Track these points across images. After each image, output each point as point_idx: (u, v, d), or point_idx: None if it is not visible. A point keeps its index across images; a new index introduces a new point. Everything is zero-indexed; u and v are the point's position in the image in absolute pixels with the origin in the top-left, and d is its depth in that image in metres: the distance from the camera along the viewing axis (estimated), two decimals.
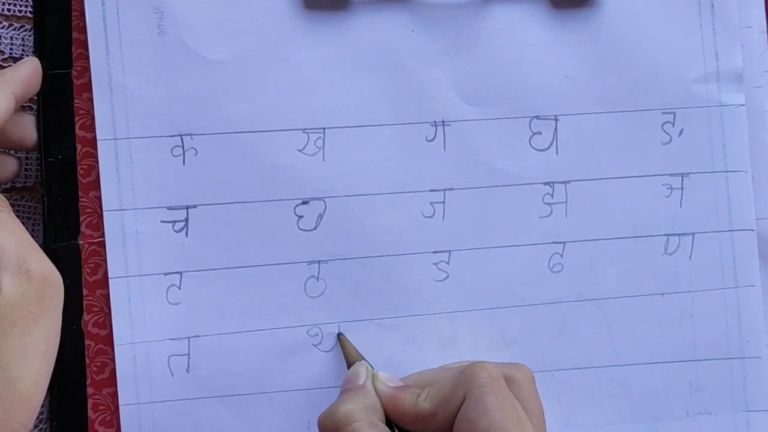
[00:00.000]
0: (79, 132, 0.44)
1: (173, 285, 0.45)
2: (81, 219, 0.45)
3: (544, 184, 0.47)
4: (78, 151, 0.44)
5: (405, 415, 0.40)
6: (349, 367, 0.44)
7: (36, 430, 0.45)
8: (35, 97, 0.45)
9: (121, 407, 0.45)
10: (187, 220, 0.45)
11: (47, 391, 0.39)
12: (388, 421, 0.41)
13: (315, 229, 0.46)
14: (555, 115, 0.47)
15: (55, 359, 0.39)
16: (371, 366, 0.43)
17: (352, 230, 0.46)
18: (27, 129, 0.44)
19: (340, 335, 0.46)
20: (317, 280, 0.46)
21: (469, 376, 0.39)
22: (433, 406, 0.40)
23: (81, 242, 0.45)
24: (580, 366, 0.47)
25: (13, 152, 0.45)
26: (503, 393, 0.39)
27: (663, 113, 0.48)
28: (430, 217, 0.46)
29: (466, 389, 0.39)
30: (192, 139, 0.45)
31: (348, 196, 0.46)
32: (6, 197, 0.42)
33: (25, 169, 0.46)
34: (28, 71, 0.42)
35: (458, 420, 0.38)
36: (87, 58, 0.44)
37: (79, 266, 0.45)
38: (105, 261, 0.44)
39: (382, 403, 0.41)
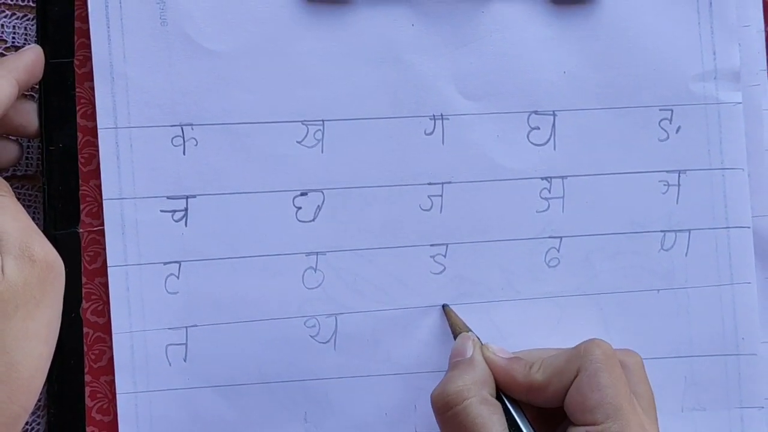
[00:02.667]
0: (80, 121, 0.45)
1: (172, 274, 0.45)
2: (81, 207, 0.45)
3: (542, 178, 0.47)
4: (79, 140, 0.45)
5: (517, 385, 0.41)
6: (455, 338, 0.44)
7: (34, 416, 0.45)
8: (37, 86, 0.45)
9: (118, 395, 0.45)
10: (186, 209, 0.45)
11: (45, 377, 0.39)
12: (498, 392, 0.41)
13: (313, 220, 0.46)
14: (553, 111, 0.47)
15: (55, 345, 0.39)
16: (478, 337, 0.43)
17: (350, 222, 0.46)
18: (28, 116, 0.44)
19: (445, 306, 0.46)
20: (315, 272, 0.46)
21: (584, 351, 0.40)
22: (546, 378, 0.40)
23: (81, 230, 0.45)
24: None
25: (14, 138, 0.45)
26: (617, 371, 0.39)
27: (660, 110, 0.48)
28: (428, 210, 0.47)
29: (580, 363, 0.39)
30: (192, 129, 0.45)
31: (346, 188, 0.46)
32: None
33: (26, 158, 0.46)
34: (31, 58, 0.43)
35: (570, 393, 0.39)
36: (89, 47, 0.44)
37: (79, 254, 0.45)
38: (104, 249, 0.45)
39: (494, 374, 0.41)
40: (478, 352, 0.42)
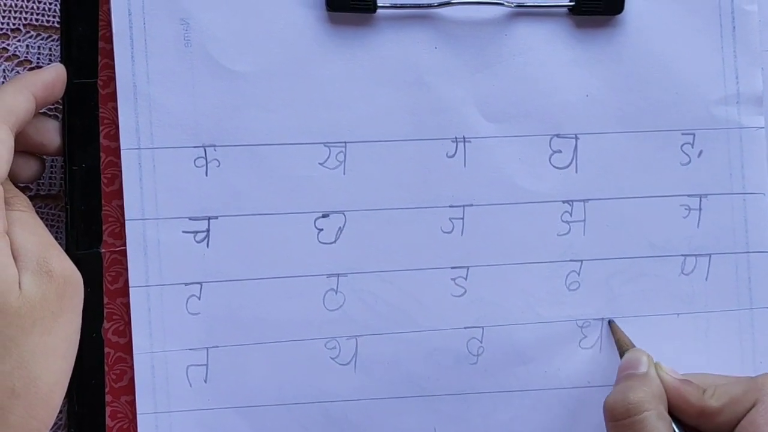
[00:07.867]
0: (103, 141, 0.45)
1: (193, 295, 0.45)
2: (103, 228, 0.45)
3: (563, 202, 0.47)
4: (102, 160, 0.45)
5: (690, 407, 0.41)
6: (621, 354, 0.44)
7: None
8: (60, 105, 0.45)
9: (138, 416, 0.45)
10: (208, 230, 0.45)
11: (66, 396, 0.39)
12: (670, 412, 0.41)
13: (335, 242, 0.46)
14: (575, 134, 0.47)
15: (75, 364, 0.39)
16: (650, 355, 0.44)
17: (372, 244, 0.46)
18: (49, 134, 0.44)
19: (611, 322, 0.47)
20: (336, 293, 0.46)
21: (761, 384, 0.41)
22: (720, 405, 0.41)
23: (103, 251, 0.45)
24: (596, 384, 0.47)
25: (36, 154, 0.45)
26: None
27: (683, 134, 0.48)
28: (449, 232, 0.47)
29: (758, 396, 0.40)
30: (215, 150, 0.45)
31: (368, 210, 0.46)
32: None
33: (49, 177, 0.46)
34: (52, 76, 0.43)
35: (743, 424, 0.40)
36: (113, 67, 0.44)
37: (101, 274, 0.45)
38: (126, 270, 0.45)
39: (666, 393, 0.42)
40: (652, 368, 0.42)
